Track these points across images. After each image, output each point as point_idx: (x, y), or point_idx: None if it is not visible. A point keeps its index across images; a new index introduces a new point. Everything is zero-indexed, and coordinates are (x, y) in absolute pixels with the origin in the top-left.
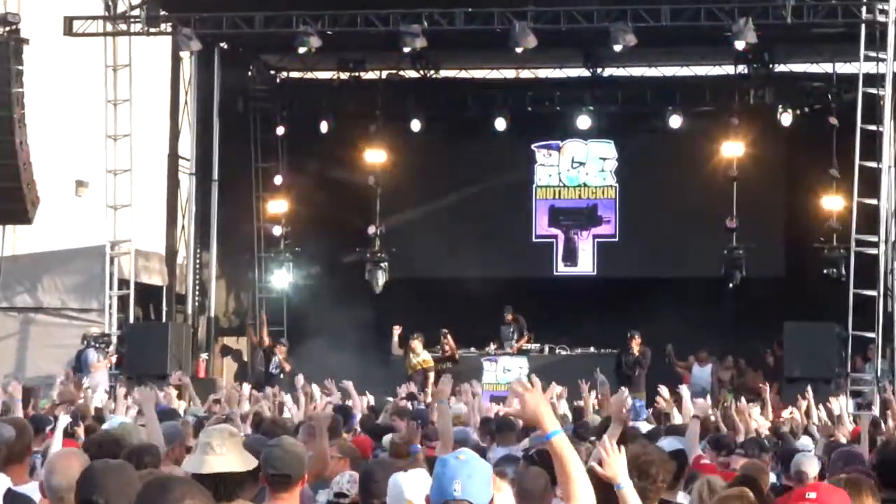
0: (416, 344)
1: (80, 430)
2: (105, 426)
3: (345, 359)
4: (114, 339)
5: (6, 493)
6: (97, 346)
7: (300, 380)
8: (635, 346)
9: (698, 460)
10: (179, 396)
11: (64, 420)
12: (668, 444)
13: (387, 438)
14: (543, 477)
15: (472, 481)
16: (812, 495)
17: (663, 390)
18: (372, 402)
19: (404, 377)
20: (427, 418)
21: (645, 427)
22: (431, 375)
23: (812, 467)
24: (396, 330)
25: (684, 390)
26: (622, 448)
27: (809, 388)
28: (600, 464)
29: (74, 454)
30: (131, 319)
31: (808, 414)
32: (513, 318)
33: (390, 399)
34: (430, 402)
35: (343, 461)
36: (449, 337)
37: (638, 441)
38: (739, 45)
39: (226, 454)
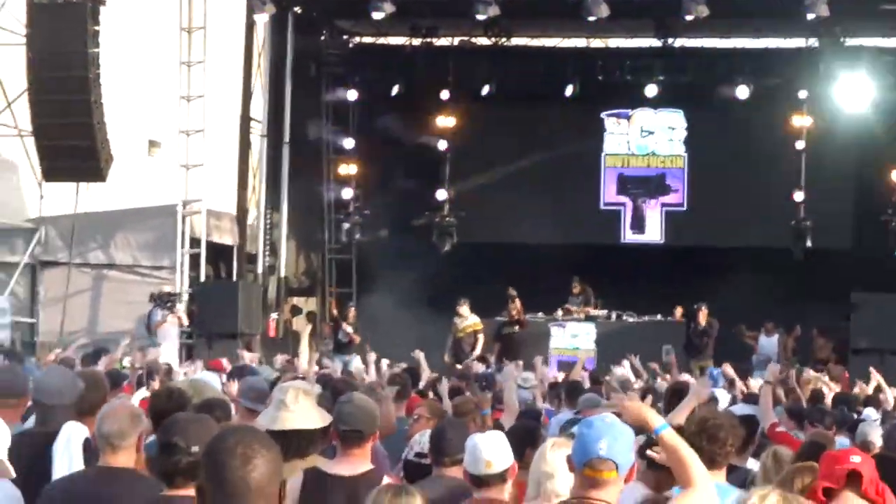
0: (464, 308)
1: (155, 384)
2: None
3: (410, 321)
4: (184, 298)
5: (84, 441)
6: (162, 305)
7: (372, 355)
8: (702, 317)
9: (773, 428)
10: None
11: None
12: (739, 409)
13: (457, 399)
14: None
15: (618, 442)
16: (856, 459)
17: (727, 368)
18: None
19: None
20: (492, 380)
21: (724, 397)
22: (481, 338)
23: (877, 436)
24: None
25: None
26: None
27: (872, 370)
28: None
29: (126, 404)
30: (202, 278)
31: (878, 387)
32: (580, 289)
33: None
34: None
35: (432, 421)
36: (517, 300)
37: (708, 406)
38: (811, 17)
39: (300, 411)
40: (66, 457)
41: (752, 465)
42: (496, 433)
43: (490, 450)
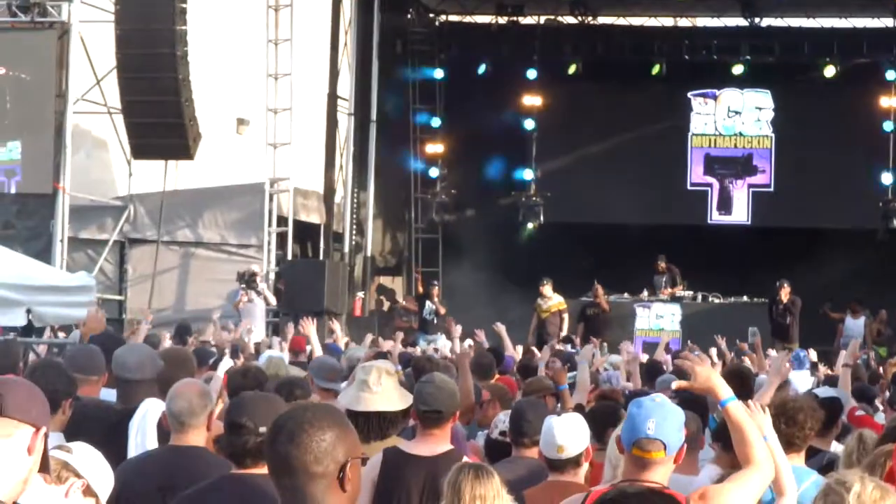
0: (546, 289)
1: (239, 363)
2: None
3: (496, 301)
4: (271, 276)
5: (161, 418)
6: (243, 283)
7: (458, 329)
8: (784, 294)
9: (853, 412)
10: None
11: (227, 362)
12: (823, 391)
13: (530, 379)
14: (696, 422)
15: (667, 422)
16: None
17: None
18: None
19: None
20: (572, 362)
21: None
22: (566, 317)
23: None
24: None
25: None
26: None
27: None
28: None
29: (196, 383)
30: (289, 256)
31: None
32: (666, 266)
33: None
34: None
35: (492, 401)
36: (600, 292)
37: (783, 389)
38: None
39: (382, 392)
40: (140, 433)
41: (836, 447)
42: (572, 416)
43: (563, 434)
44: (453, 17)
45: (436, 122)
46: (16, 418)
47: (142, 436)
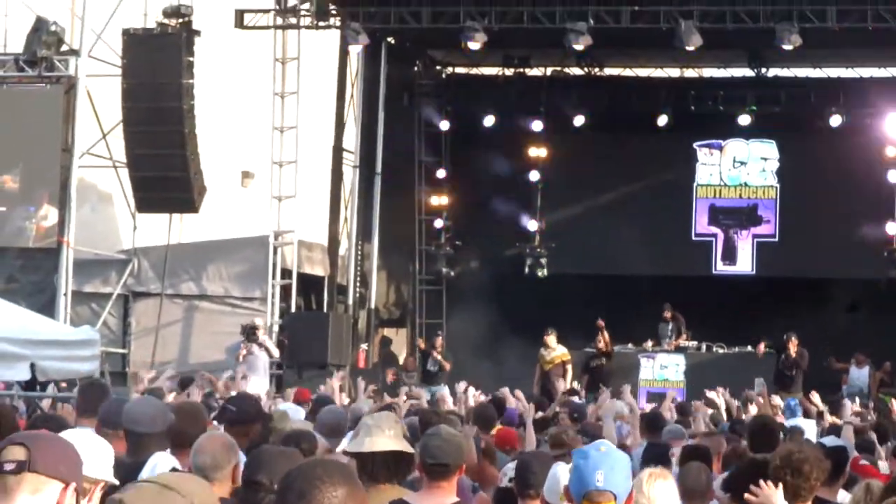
0: (550, 339)
1: None
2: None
3: (500, 352)
4: (275, 329)
5: (171, 471)
6: (244, 336)
7: (462, 384)
8: (792, 347)
9: (856, 461)
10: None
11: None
12: (829, 441)
13: (553, 429)
14: (704, 472)
15: (615, 472)
16: None
17: (815, 397)
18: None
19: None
20: (585, 412)
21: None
22: (570, 369)
23: None
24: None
25: (815, 397)
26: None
27: None
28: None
29: (221, 436)
30: (293, 309)
31: None
32: (671, 315)
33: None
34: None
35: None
36: (604, 331)
37: (794, 438)
38: None
39: (393, 437)
40: None
41: (843, 498)
42: None
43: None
44: (460, 69)
45: (441, 173)
46: (45, 474)
47: None
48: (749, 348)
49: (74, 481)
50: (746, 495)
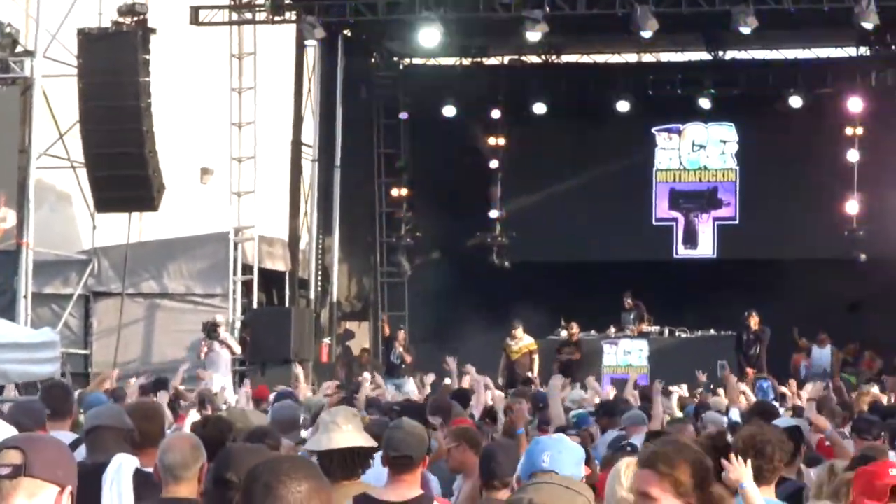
0: (518, 331)
1: (207, 412)
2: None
3: (465, 342)
4: (237, 325)
5: (135, 473)
6: (205, 333)
7: (430, 377)
8: (753, 323)
9: (822, 443)
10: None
11: (193, 414)
12: (783, 421)
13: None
14: None
15: (563, 456)
16: (894, 472)
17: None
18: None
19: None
20: (546, 401)
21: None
22: (536, 358)
23: None
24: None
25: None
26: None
27: None
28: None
29: (187, 435)
30: (255, 305)
31: None
32: (633, 304)
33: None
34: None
35: (461, 446)
36: (574, 326)
37: (754, 421)
38: (862, 26)
39: (352, 431)
40: (116, 489)
41: (807, 476)
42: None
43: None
44: (417, 60)
45: (401, 165)
46: (41, 478)
47: (117, 491)
48: (712, 332)
49: (70, 485)
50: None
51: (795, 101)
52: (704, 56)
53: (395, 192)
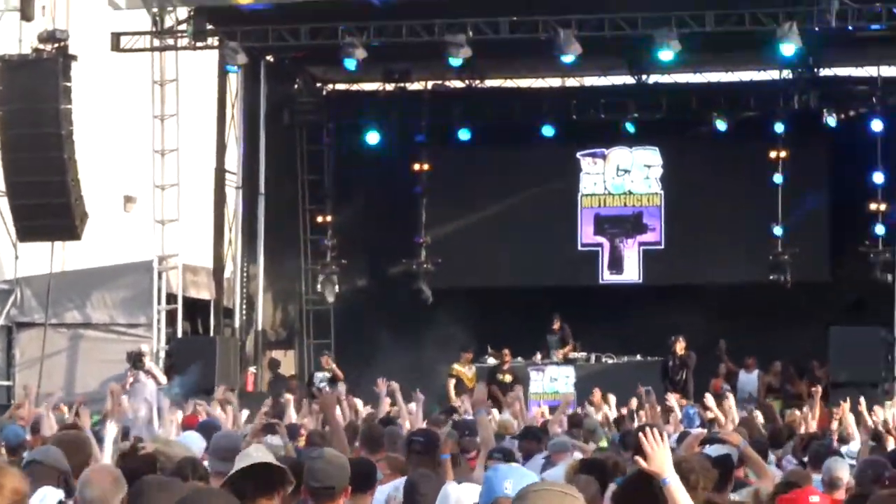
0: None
1: (127, 444)
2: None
3: (392, 370)
4: (162, 355)
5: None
6: (130, 363)
7: (342, 392)
8: (679, 348)
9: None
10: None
11: (112, 432)
12: (714, 450)
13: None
14: (593, 484)
15: (523, 483)
16: (815, 499)
17: (709, 399)
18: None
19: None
20: (472, 428)
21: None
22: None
23: (844, 472)
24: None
25: (710, 400)
26: (664, 438)
27: (862, 399)
28: (644, 457)
29: (107, 468)
30: (179, 334)
31: (859, 421)
32: (559, 325)
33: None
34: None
35: (394, 476)
36: (507, 355)
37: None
38: (785, 50)
39: (264, 456)
40: None
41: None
42: (471, 485)
43: (461, 499)
44: (340, 86)
45: (325, 191)
46: None
47: None
48: (638, 357)
49: None
50: (636, 458)
51: (720, 125)
52: (628, 80)
53: (319, 218)
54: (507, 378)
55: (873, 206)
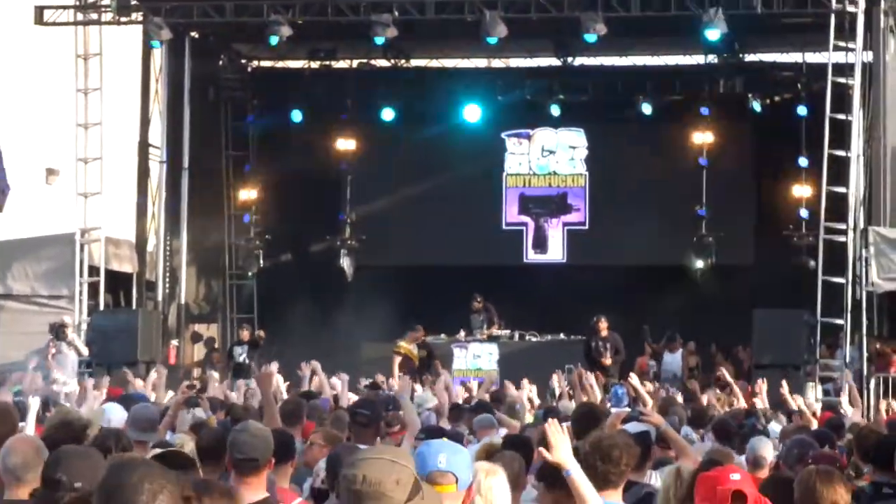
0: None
1: (50, 414)
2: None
3: (315, 345)
4: (83, 327)
5: None
6: (52, 335)
7: (272, 370)
8: (602, 328)
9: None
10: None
11: (35, 405)
12: (632, 427)
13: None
14: (518, 460)
15: (458, 457)
16: (736, 476)
17: (633, 379)
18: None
19: (372, 363)
20: (396, 403)
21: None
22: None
23: (768, 451)
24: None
25: (634, 379)
26: (565, 428)
27: (784, 382)
28: (547, 447)
29: (30, 438)
30: (101, 307)
31: (784, 401)
32: (482, 305)
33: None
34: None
35: (326, 448)
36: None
37: (601, 425)
38: (710, 34)
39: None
40: None
41: (652, 479)
42: None
43: None
44: (265, 63)
45: (249, 167)
46: None
47: None
48: (562, 336)
49: None
50: (539, 449)
51: (645, 108)
52: (554, 62)
53: (244, 194)
54: (423, 353)
55: (797, 191)
